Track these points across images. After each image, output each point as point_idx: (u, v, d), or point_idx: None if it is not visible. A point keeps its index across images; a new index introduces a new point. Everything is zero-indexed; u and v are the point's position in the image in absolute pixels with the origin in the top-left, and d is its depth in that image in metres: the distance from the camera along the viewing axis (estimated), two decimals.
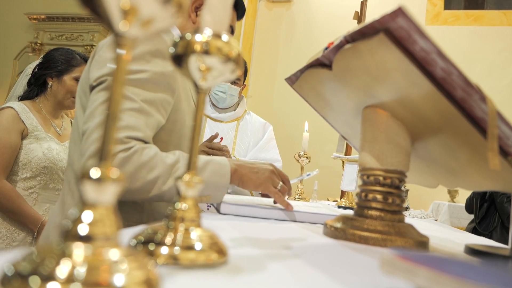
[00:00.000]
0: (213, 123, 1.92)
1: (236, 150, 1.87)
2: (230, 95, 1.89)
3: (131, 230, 0.38)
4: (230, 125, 1.93)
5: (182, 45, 0.37)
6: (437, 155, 0.63)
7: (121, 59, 0.26)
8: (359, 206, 0.64)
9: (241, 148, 1.89)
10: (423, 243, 0.59)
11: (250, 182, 0.89)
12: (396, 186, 0.62)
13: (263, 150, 1.92)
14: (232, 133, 1.91)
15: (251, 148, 1.91)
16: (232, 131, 1.91)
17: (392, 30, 0.47)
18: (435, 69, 0.47)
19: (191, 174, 0.37)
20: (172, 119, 0.92)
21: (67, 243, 0.23)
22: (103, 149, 0.25)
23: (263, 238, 0.54)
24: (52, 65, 1.70)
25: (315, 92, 0.74)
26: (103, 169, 0.25)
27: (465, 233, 1.07)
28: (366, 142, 0.64)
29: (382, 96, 0.60)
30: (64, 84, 1.69)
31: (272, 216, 0.86)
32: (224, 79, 0.40)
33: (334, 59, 0.61)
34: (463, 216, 3.47)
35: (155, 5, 0.26)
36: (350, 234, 0.59)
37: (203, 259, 0.35)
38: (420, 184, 0.76)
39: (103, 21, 0.26)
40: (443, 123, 0.56)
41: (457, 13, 4.44)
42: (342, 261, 0.44)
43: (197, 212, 0.37)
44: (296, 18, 4.69)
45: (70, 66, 1.71)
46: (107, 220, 0.25)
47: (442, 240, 0.77)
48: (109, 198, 0.25)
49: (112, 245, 0.25)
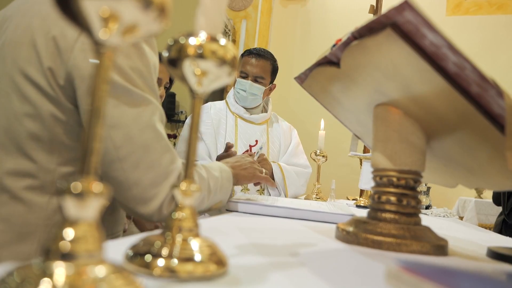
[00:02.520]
0: (244, 124, 1.83)
1: (270, 154, 1.82)
2: (250, 94, 1.79)
3: (127, 241, 0.38)
4: (262, 127, 1.86)
5: (175, 49, 0.36)
6: (455, 154, 0.60)
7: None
8: (372, 209, 0.62)
9: (273, 151, 1.84)
10: (441, 247, 0.56)
11: (244, 178, 0.99)
12: (411, 187, 0.60)
13: (294, 155, 1.87)
14: (264, 136, 1.84)
15: (282, 152, 1.87)
16: (264, 134, 1.84)
17: (400, 25, 0.45)
18: (447, 64, 0.45)
19: (187, 183, 0.36)
20: None
21: (47, 263, 0.23)
22: (85, 161, 0.24)
23: (269, 243, 0.53)
24: None
25: (325, 90, 0.72)
26: (84, 183, 0.24)
27: (490, 233, 1.03)
28: (378, 141, 0.62)
29: (393, 94, 0.58)
30: None
31: (280, 214, 0.88)
32: (221, 83, 0.38)
33: (341, 57, 0.59)
34: (491, 213, 3.36)
35: (136, 10, 0.24)
36: (363, 239, 0.57)
37: (201, 271, 0.34)
38: (438, 183, 0.73)
39: (82, 29, 0.25)
40: (459, 120, 0.53)
41: (479, 2, 4.30)
42: (350, 270, 0.42)
43: (195, 221, 0.36)
44: (312, 14, 4.64)
45: None
46: (90, 236, 0.24)
47: (463, 242, 0.73)
48: (92, 213, 0.24)
49: (96, 262, 0.24)
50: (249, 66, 1.79)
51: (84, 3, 0.23)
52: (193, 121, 0.37)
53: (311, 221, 0.86)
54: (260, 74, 1.79)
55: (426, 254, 0.54)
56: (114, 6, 0.24)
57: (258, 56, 1.80)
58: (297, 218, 0.88)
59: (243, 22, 4.19)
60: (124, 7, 0.24)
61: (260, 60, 1.79)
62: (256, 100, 1.83)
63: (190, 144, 0.37)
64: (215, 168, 0.86)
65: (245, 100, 1.82)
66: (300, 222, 0.82)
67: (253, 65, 1.79)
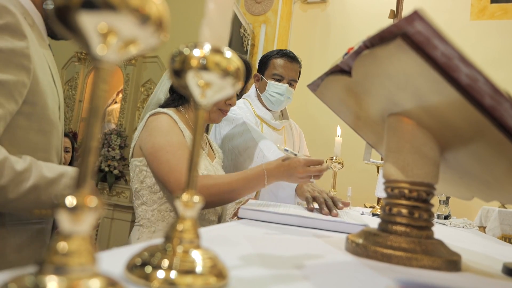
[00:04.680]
0: (268, 130, 1.75)
1: None
2: (287, 98, 1.73)
3: (128, 251, 0.38)
4: (282, 133, 1.82)
5: (180, 60, 0.36)
6: (470, 166, 0.58)
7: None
8: (383, 221, 0.60)
9: None
10: (454, 262, 0.54)
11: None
12: (423, 199, 0.58)
13: None
14: (282, 142, 1.80)
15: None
16: (283, 140, 1.80)
17: (410, 35, 0.44)
18: (459, 75, 0.43)
19: (189, 194, 0.36)
20: (30, 101, 0.81)
21: (40, 276, 0.23)
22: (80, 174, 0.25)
23: (276, 254, 0.52)
24: None
25: (337, 99, 0.71)
26: (79, 198, 0.24)
27: (510, 247, 0.99)
28: (390, 152, 0.61)
29: (405, 104, 0.56)
30: None
31: (291, 222, 0.88)
32: (225, 94, 0.38)
33: (353, 65, 0.58)
34: None
35: (133, 26, 0.25)
36: (372, 251, 0.56)
37: (200, 284, 0.33)
38: (454, 195, 0.71)
39: (81, 44, 0.25)
40: (473, 133, 0.51)
41: (505, 6, 4.18)
42: (354, 285, 0.41)
43: (196, 232, 0.36)
44: (331, 19, 4.61)
45: None
46: (83, 250, 0.24)
47: (479, 257, 0.71)
48: (86, 227, 0.24)
49: (90, 276, 0.24)
50: (284, 69, 1.72)
51: (82, 19, 0.23)
52: (196, 132, 0.37)
53: (323, 230, 0.85)
54: (295, 78, 1.74)
55: (437, 269, 0.52)
56: (112, 22, 0.24)
57: (292, 59, 1.74)
58: (309, 227, 0.87)
59: (263, 27, 4.20)
60: (122, 23, 0.24)
61: (294, 63, 1.74)
62: (288, 103, 1.78)
63: (193, 155, 0.37)
64: (55, 170, 0.81)
65: (280, 104, 1.74)
66: (311, 232, 0.82)
67: (289, 68, 1.73)
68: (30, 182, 0.75)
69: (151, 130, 1.14)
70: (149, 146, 1.11)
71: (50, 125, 0.86)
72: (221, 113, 1.31)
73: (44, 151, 0.86)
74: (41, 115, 0.84)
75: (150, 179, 1.15)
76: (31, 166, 0.77)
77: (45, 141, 0.86)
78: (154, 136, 1.12)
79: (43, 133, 0.85)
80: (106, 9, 0.23)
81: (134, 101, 4.41)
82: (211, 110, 1.29)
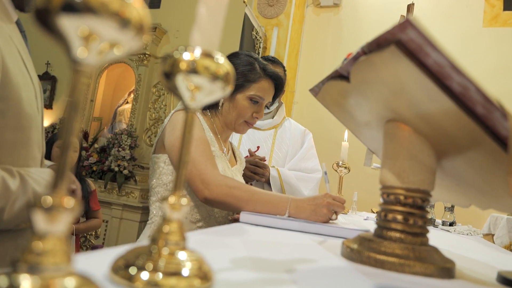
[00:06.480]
0: (250, 131, 1.83)
1: (274, 159, 1.84)
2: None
3: (114, 252, 0.38)
4: (268, 133, 1.88)
5: (170, 63, 0.36)
6: (466, 174, 0.58)
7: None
8: (378, 227, 0.60)
9: (278, 156, 1.85)
10: (447, 269, 0.54)
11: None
12: (419, 206, 0.58)
13: (303, 159, 1.86)
14: (269, 141, 1.86)
15: (290, 156, 1.86)
16: (270, 139, 1.87)
17: (404, 42, 0.44)
18: (451, 83, 0.43)
19: (176, 196, 0.36)
20: (1, 96, 0.71)
21: (14, 275, 0.23)
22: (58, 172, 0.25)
23: (269, 258, 0.52)
24: None
25: (337, 104, 0.71)
26: (55, 198, 0.24)
27: (510, 254, 0.97)
28: (387, 158, 0.60)
29: (402, 111, 0.56)
30: (236, 105, 1.27)
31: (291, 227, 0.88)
32: (215, 97, 0.38)
33: (351, 71, 0.58)
34: None
35: (114, 30, 0.25)
36: (366, 257, 0.55)
37: (184, 286, 0.34)
38: (452, 203, 0.70)
39: (62, 46, 0.26)
40: (469, 141, 0.51)
41: None
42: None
43: (182, 235, 0.36)
44: (344, 23, 4.59)
45: (246, 82, 1.26)
46: (58, 250, 0.25)
47: (476, 264, 0.70)
48: (62, 227, 0.25)
49: (64, 275, 0.25)
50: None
51: (62, 22, 0.24)
52: (185, 135, 0.38)
53: (323, 236, 0.85)
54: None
55: (430, 276, 0.52)
56: (92, 25, 0.24)
57: (273, 63, 1.81)
58: (309, 232, 0.87)
59: (275, 30, 4.20)
60: (102, 27, 0.25)
61: (277, 67, 1.80)
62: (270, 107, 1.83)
63: (181, 158, 0.37)
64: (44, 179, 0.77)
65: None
66: (311, 236, 0.81)
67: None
68: (22, 201, 0.71)
69: (174, 124, 1.16)
70: (172, 139, 1.14)
71: (27, 120, 0.76)
72: (246, 125, 1.31)
73: (24, 148, 0.78)
74: (16, 110, 0.74)
75: (166, 176, 1.17)
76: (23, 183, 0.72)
77: (24, 137, 0.77)
78: (177, 129, 1.14)
79: (21, 130, 0.76)
80: (86, 12, 0.24)
81: (145, 101, 4.45)
82: (236, 122, 1.28)
